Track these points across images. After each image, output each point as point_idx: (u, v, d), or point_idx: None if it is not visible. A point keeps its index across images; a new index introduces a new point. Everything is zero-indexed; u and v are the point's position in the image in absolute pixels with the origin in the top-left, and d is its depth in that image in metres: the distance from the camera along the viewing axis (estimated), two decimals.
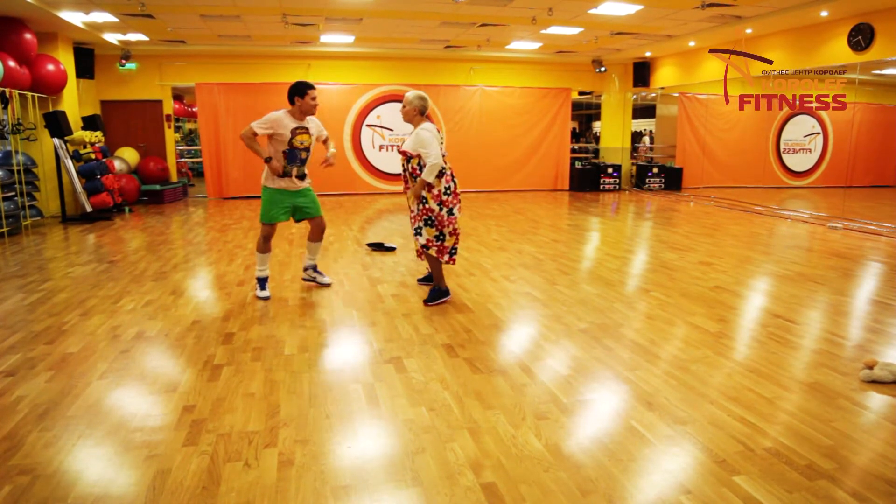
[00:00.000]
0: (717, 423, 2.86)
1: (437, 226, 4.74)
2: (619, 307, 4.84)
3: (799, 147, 15.84)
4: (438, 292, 4.99)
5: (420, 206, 4.71)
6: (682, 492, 2.32)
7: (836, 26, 9.15)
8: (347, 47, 12.36)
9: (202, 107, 12.39)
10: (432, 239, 4.78)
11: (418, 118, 4.71)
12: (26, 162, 8.87)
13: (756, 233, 8.72)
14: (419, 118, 4.71)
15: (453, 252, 4.89)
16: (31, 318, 4.55)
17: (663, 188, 14.63)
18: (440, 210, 4.69)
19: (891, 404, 3.10)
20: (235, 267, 6.28)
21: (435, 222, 4.73)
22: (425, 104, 4.73)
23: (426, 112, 4.74)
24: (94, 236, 8.30)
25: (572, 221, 9.79)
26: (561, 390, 3.25)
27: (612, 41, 11.81)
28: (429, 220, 4.74)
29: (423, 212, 4.72)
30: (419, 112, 4.70)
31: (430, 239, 4.78)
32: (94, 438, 2.74)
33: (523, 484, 2.38)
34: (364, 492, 2.33)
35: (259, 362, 3.66)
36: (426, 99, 4.75)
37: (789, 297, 5.15)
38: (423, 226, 4.76)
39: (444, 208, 4.69)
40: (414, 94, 4.73)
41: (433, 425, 2.85)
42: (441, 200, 4.67)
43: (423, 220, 4.74)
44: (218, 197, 12.67)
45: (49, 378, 3.42)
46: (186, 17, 9.34)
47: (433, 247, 4.80)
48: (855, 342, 4.08)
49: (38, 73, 9.21)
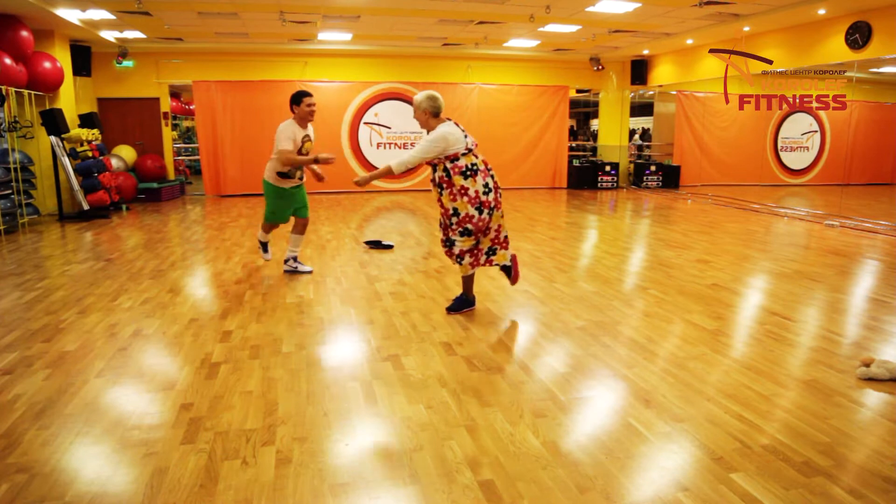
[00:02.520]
0: (715, 421, 2.87)
1: (476, 234, 4.30)
2: (617, 305, 4.85)
3: (796, 145, 15.85)
4: (463, 301, 4.64)
5: (455, 220, 4.24)
6: (680, 489, 2.32)
7: (833, 24, 9.16)
8: (345, 45, 12.34)
9: (199, 104, 12.35)
10: (466, 250, 4.34)
11: (433, 121, 4.27)
12: (23, 160, 8.84)
13: (753, 230, 8.74)
14: (434, 120, 4.27)
15: (490, 253, 4.45)
16: (28, 317, 4.54)
17: (661, 186, 14.64)
18: (480, 214, 4.21)
19: (887, 401, 3.11)
20: (233, 265, 6.27)
21: (473, 231, 4.26)
22: (436, 104, 4.26)
23: (439, 112, 4.29)
24: (91, 234, 8.28)
25: (570, 219, 9.80)
26: (559, 388, 3.26)
27: (609, 39, 11.81)
28: (466, 231, 4.26)
29: (460, 223, 4.24)
30: (431, 114, 4.25)
31: (464, 249, 4.33)
32: (92, 436, 2.74)
33: (521, 481, 2.38)
34: (362, 489, 2.33)
35: (257, 360, 3.66)
36: (436, 98, 4.28)
37: (786, 295, 5.16)
38: (460, 237, 4.28)
39: (484, 210, 4.21)
40: (423, 96, 4.26)
41: (431, 423, 2.85)
42: (481, 202, 4.19)
43: (460, 231, 4.26)
44: (215, 195, 12.65)
45: (46, 376, 3.41)
46: (184, 14, 9.31)
47: (466, 256, 4.36)
48: (852, 340, 4.09)
49: (34, 70, 9.18)
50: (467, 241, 4.32)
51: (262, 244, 5.97)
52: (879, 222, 9.23)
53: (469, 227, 4.24)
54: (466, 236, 4.29)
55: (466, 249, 4.36)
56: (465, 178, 4.18)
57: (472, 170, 4.19)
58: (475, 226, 4.25)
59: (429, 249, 7.17)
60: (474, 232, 4.28)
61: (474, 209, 4.19)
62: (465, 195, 4.18)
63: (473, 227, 4.25)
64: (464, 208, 4.20)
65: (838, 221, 9.39)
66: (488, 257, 4.46)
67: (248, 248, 7.10)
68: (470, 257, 4.40)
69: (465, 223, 4.23)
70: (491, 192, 4.24)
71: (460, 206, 4.21)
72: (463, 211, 4.21)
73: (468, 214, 4.21)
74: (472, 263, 4.43)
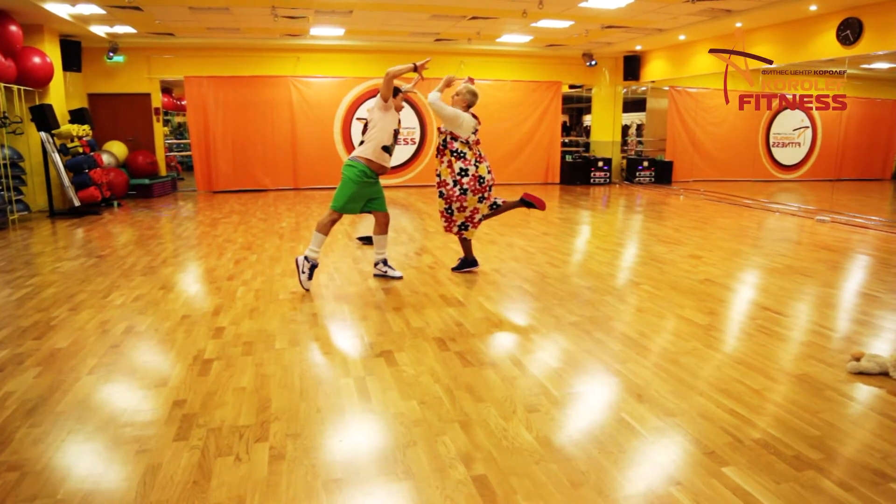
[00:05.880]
0: (707, 415, 2.89)
1: (447, 199, 5.34)
2: (610, 300, 4.86)
3: (788, 141, 15.93)
4: (465, 262, 5.70)
5: (439, 180, 5.36)
6: (672, 483, 2.34)
7: (824, 20, 9.19)
8: (337, 40, 12.28)
9: (191, 100, 12.29)
10: (442, 210, 5.40)
11: (461, 108, 5.25)
12: (13, 156, 8.77)
13: (745, 226, 8.78)
14: (462, 108, 5.25)
15: (463, 227, 5.46)
16: (18, 314, 4.51)
17: (653, 182, 14.68)
18: (453, 186, 5.27)
19: (877, 395, 3.14)
20: (225, 261, 6.25)
21: (445, 195, 5.33)
22: (474, 100, 5.30)
23: (470, 107, 5.29)
24: (82, 231, 8.23)
25: (563, 215, 9.81)
26: (551, 383, 3.27)
27: (602, 34, 11.81)
28: (441, 194, 5.36)
29: (438, 186, 5.37)
30: (466, 105, 5.27)
31: (441, 211, 5.42)
32: (84, 434, 2.73)
33: (514, 476, 2.39)
34: (355, 485, 2.33)
35: (250, 356, 3.65)
36: (476, 95, 5.31)
37: (778, 290, 5.19)
38: (438, 197, 5.41)
39: (458, 186, 5.27)
40: (467, 88, 5.26)
41: (424, 418, 2.86)
42: (455, 179, 5.25)
43: (438, 193, 5.38)
44: (207, 191, 12.60)
45: (38, 374, 3.39)
46: (175, 9, 9.25)
47: (443, 217, 5.43)
48: (842, 334, 4.12)
49: (23, 65, 9.09)
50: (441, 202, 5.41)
51: (308, 261, 5.02)
52: (870, 217, 9.29)
53: (443, 191, 5.34)
54: (440, 198, 5.39)
55: (442, 210, 5.43)
56: (453, 154, 5.29)
57: (460, 153, 5.28)
58: (448, 192, 5.31)
59: (422, 245, 7.17)
60: (445, 197, 5.35)
61: (451, 179, 5.27)
62: (451, 167, 5.29)
63: (447, 192, 5.32)
64: (446, 175, 5.31)
65: (829, 217, 9.45)
66: (460, 230, 5.49)
67: (240, 245, 7.08)
68: (445, 219, 5.49)
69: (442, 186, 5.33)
70: (469, 177, 5.26)
71: (444, 172, 5.31)
72: (444, 177, 5.31)
73: (445, 180, 5.29)
74: (447, 226, 5.52)
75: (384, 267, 5.53)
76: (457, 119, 5.15)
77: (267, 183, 12.89)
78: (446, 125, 5.22)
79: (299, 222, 8.77)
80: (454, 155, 5.25)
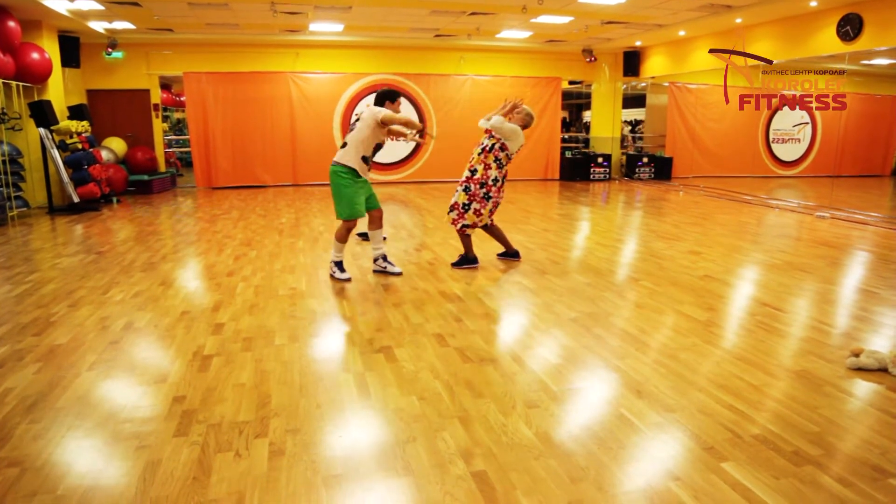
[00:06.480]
0: (706, 411, 2.89)
1: (470, 197, 5.53)
2: (609, 296, 4.87)
3: (788, 137, 15.91)
4: (465, 259, 5.78)
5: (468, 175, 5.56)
6: (671, 478, 2.34)
7: (825, 16, 9.18)
8: (337, 36, 12.26)
9: (190, 96, 12.27)
10: (459, 205, 5.56)
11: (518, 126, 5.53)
12: (12, 152, 8.76)
13: (745, 222, 8.78)
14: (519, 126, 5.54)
15: (466, 226, 5.62)
16: (18, 310, 4.51)
17: (653, 178, 14.67)
18: (480, 188, 5.50)
19: (876, 391, 3.14)
20: (225, 257, 6.25)
21: (471, 192, 5.53)
22: (530, 121, 5.68)
23: (526, 127, 5.63)
24: (81, 227, 8.23)
25: (563, 211, 9.81)
26: (551, 379, 3.27)
27: (602, 30, 11.79)
28: (466, 188, 5.55)
29: (466, 181, 5.55)
30: (523, 124, 5.60)
31: (457, 203, 5.57)
32: (84, 430, 2.73)
33: (514, 472, 2.39)
34: (355, 481, 2.34)
35: (249, 352, 3.65)
36: (533, 118, 5.71)
37: (777, 286, 5.19)
38: (461, 190, 5.57)
39: (484, 190, 5.51)
40: (526, 110, 5.62)
41: (424, 414, 2.86)
42: (484, 182, 5.49)
43: (463, 187, 5.56)
44: (207, 187, 12.59)
45: (37, 370, 3.39)
46: (173, 4, 9.22)
47: (456, 211, 5.58)
48: (841, 330, 4.12)
49: (22, 61, 9.07)
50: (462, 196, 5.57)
51: (337, 264, 5.35)
52: (870, 214, 9.29)
53: (470, 186, 5.56)
54: (465, 192, 5.57)
55: (459, 203, 5.58)
56: (496, 161, 5.52)
57: (500, 164, 5.53)
58: (474, 194, 5.54)
59: (421, 241, 7.17)
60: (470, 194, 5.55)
61: (481, 182, 5.52)
62: (487, 170, 5.53)
63: (473, 190, 5.55)
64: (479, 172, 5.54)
65: (829, 213, 9.45)
66: (463, 227, 5.65)
67: (239, 241, 7.08)
68: (457, 212, 5.67)
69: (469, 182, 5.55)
70: (496, 186, 5.55)
71: (479, 169, 5.53)
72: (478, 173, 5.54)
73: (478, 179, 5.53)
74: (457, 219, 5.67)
75: (384, 263, 5.54)
76: (514, 133, 5.45)
77: (266, 179, 12.88)
78: (503, 137, 5.46)
79: (299, 218, 8.76)
80: (496, 162, 5.49)
